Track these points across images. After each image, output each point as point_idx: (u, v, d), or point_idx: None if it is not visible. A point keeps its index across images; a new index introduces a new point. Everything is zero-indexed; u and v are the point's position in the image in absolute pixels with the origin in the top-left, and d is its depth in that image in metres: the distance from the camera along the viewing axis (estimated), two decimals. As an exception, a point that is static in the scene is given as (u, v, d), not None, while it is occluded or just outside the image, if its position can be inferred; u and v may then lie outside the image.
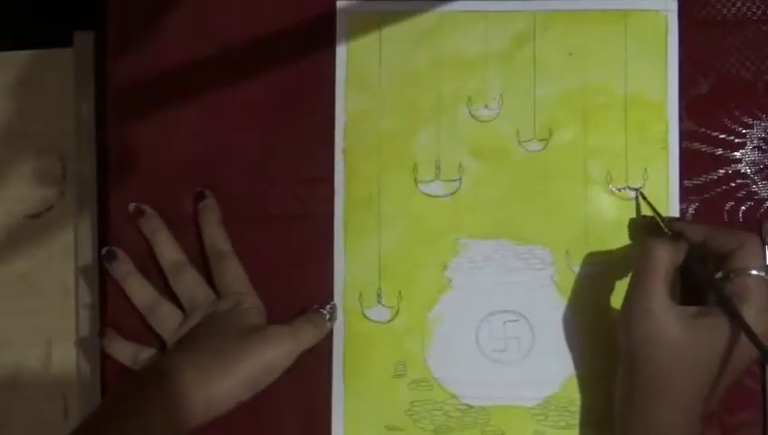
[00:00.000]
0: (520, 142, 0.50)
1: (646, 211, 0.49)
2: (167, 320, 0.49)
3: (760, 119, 0.50)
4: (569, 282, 0.50)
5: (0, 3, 0.66)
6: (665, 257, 0.43)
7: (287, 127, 0.51)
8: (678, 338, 0.42)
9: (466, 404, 0.49)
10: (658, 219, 0.47)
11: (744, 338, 0.41)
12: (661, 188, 0.50)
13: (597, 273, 0.50)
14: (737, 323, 0.41)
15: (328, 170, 0.51)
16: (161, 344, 0.50)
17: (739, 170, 0.50)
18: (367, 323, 0.50)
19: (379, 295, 0.50)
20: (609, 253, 0.50)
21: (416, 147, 0.51)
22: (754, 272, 0.42)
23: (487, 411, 0.49)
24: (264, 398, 0.46)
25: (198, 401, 0.43)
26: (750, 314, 0.41)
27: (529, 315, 0.50)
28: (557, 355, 0.49)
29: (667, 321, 0.42)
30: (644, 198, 0.49)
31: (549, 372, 0.49)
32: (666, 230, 0.47)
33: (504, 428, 0.49)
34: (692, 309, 0.43)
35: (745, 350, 0.42)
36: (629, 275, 0.48)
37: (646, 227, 0.49)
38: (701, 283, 0.45)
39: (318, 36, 0.52)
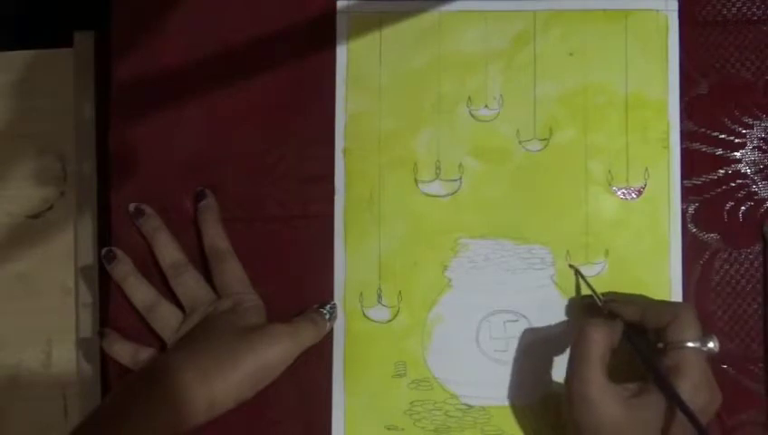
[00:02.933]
0: (520, 142, 0.50)
1: (585, 290, 0.49)
2: (167, 320, 0.49)
3: (760, 119, 0.50)
4: (569, 282, 0.50)
5: (0, 3, 0.66)
6: (600, 341, 0.43)
7: (287, 127, 0.51)
8: (618, 419, 0.41)
9: (466, 404, 0.49)
10: (595, 298, 0.47)
11: (682, 414, 0.40)
12: (662, 187, 0.50)
13: (597, 272, 0.50)
14: (674, 401, 0.41)
15: (328, 170, 0.51)
16: (161, 344, 0.50)
17: (739, 170, 0.50)
18: (367, 323, 0.50)
19: (379, 295, 0.50)
20: (609, 253, 0.50)
21: (416, 147, 0.51)
22: (690, 344, 0.42)
23: (487, 411, 0.49)
24: (264, 398, 0.46)
25: (199, 400, 0.43)
26: (686, 388, 0.41)
27: (529, 315, 0.50)
28: (557, 355, 0.49)
29: (606, 404, 0.42)
30: (581, 275, 0.49)
31: (549, 371, 0.49)
32: (600, 306, 0.47)
33: (504, 428, 0.49)
34: (631, 387, 0.43)
35: (686, 425, 0.41)
36: (625, 275, 0.48)
37: (583, 306, 0.49)
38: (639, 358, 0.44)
39: (318, 36, 0.52)
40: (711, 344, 0.43)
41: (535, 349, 0.50)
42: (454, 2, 0.51)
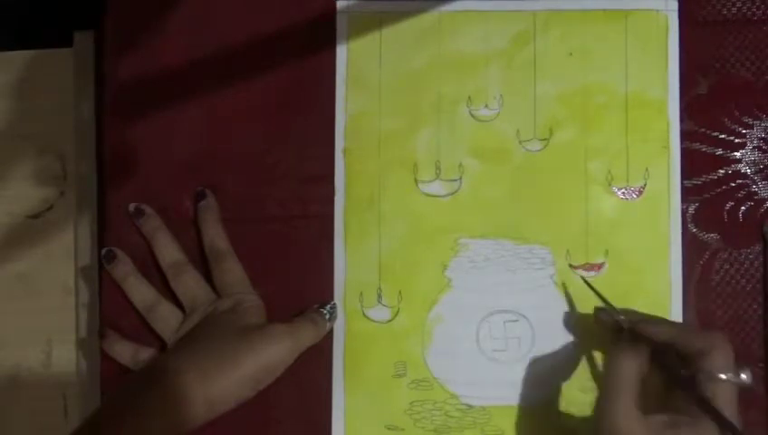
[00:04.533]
0: (520, 142, 0.50)
1: (591, 297, 0.48)
2: (166, 320, 0.49)
3: (760, 119, 0.50)
4: (569, 282, 0.50)
5: (0, 3, 0.66)
6: (631, 372, 0.42)
7: (287, 127, 0.51)
8: None
9: (466, 404, 0.49)
10: (615, 317, 0.46)
11: None
12: (663, 187, 0.50)
13: (597, 273, 0.50)
14: (723, 425, 0.40)
15: (328, 170, 0.51)
16: (161, 344, 0.50)
17: (739, 170, 0.50)
18: (367, 323, 0.50)
19: (379, 295, 0.50)
20: (609, 253, 0.50)
21: (416, 147, 0.51)
22: (723, 376, 0.41)
23: (487, 411, 0.49)
24: (264, 398, 0.46)
25: (199, 400, 0.43)
26: None
27: (529, 315, 0.50)
28: (557, 355, 0.49)
29: None
30: (600, 296, 0.48)
31: (549, 371, 0.49)
32: (624, 327, 0.45)
33: (504, 428, 0.49)
34: (663, 419, 0.41)
35: None
36: (625, 275, 0.48)
37: (600, 320, 0.48)
38: (671, 382, 0.43)
39: (318, 36, 0.52)
40: (744, 377, 0.41)
41: (536, 349, 0.50)
42: (454, 2, 0.51)
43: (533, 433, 0.49)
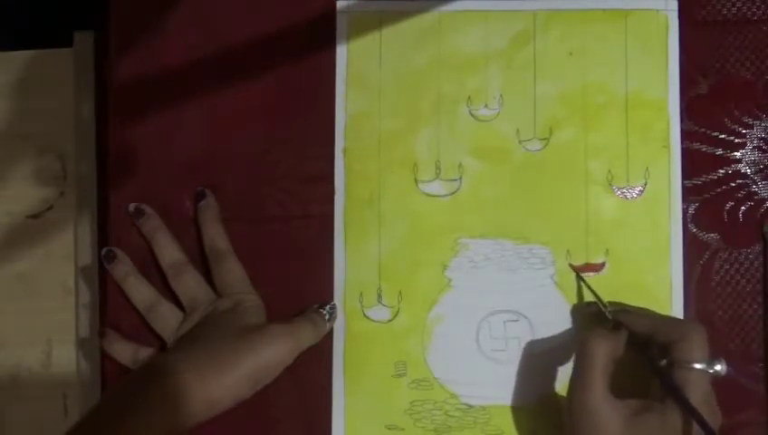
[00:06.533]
0: (520, 142, 0.50)
1: (587, 294, 0.49)
2: (166, 320, 0.49)
3: (760, 119, 0.50)
4: (569, 282, 0.50)
5: (0, 3, 0.66)
6: (602, 353, 0.43)
7: (287, 127, 0.51)
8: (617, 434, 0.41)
9: (466, 404, 0.49)
10: (601, 307, 0.47)
11: None
12: (663, 187, 0.50)
13: (597, 273, 0.50)
14: (688, 411, 0.40)
15: (328, 170, 0.51)
16: (161, 344, 0.50)
17: (739, 170, 0.50)
18: (367, 322, 0.50)
19: (379, 295, 0.50)
20: (609, 252, 0.50)
21: (416, 147, 0.51)
22: (697, 365, 0.42)
23: (487, 411, 0.49)
24: (263, 397, 0.46)
25: (198, 399, 0.43)
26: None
27: (529, 315, 0.50)
28: (557, 355, 0.49)
29: (607, 417, 0.42)
30: (588, 286, 0.49)
31: (549, 371, 0.49)
32: (608, 317, 0.46)
33: (504, 428, 0.49)
34: (633, 404, 0.42)
35: None
36: (626, 275, 0.48)
37: (589, 313, 0.49)
38: (648, 370, 0.44)
39: (318, 36, 0.52)
40: (718, 367, 0.42)
41: (536, 349, 0.50)
42: (454, 2, 0.51)
43: (533, 433, 0.49)
